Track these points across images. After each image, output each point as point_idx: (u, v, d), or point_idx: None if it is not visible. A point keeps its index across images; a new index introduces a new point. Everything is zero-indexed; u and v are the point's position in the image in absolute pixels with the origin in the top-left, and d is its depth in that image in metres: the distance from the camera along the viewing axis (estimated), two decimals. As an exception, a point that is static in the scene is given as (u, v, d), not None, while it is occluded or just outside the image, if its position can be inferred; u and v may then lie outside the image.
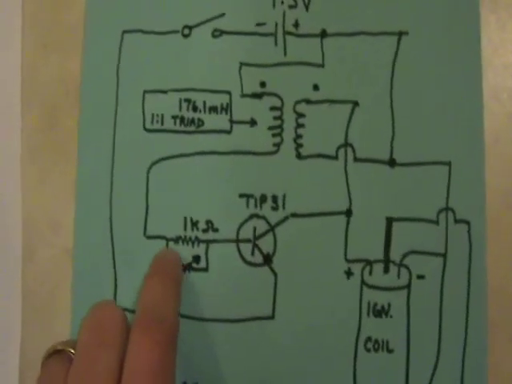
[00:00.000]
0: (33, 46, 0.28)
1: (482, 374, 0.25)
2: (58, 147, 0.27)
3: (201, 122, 0.26)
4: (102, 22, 0.27)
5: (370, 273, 0.25)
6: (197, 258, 0.26)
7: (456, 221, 0.25)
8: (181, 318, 0.25)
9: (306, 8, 0.26)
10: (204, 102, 0.26)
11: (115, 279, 0.26)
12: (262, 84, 0.26)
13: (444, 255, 0.25)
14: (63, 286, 0.27)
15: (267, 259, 0.26)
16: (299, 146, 0.26)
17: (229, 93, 0.26)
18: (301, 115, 0.26)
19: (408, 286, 0.25)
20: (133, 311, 0.25)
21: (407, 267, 0.25)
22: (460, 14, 0.26)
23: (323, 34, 0.26)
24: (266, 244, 0.26)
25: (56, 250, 0.27)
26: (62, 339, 0.24)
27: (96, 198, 0.26)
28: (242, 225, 0.26)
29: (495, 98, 0.26)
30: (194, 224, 0.26)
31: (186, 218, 0.26)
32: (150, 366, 0.20)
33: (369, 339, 0.25)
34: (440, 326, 0.25)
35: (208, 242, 0.26)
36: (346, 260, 0.25)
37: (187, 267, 0.26)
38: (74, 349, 0.22)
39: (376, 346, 0.25)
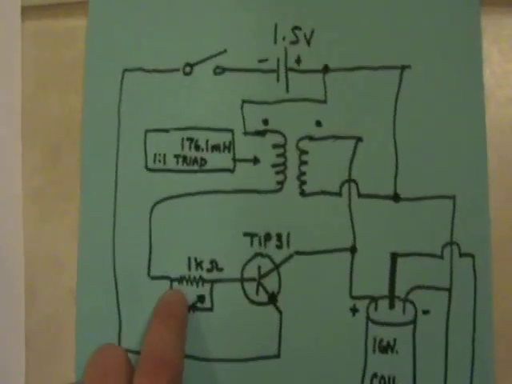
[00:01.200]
0: (33, 85, 0.27)
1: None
2: (59, 186, 0.27)
3: (203, 161, 0.26)
4: (102, 61, 0.27)
5: (376, 309, 0.25)
6: (201, 298, 0.26)
7: (461, 255, 0.25)
8: (186, 359, 0.25)
9: (308, 43, 0.26)
10: (206, 141, 0.26)
11: (119, 320, 0.26)
12: (265, 121, 0.26)
13: (449, 290, 0.25)
14: (67, 327, 0.27)
15: (272, 298, 0.26)
16: (303, 183, 0.26)
17: (231, 131, 0.26)
18: (304, 152, 0.26)
19: (413, 322, 0.25)
20: (137, 352, 0.25)
21: (412, 302, 0.25)
22: (462, 47, 0.26)
23: (325, 70, 0.26)
24: (270, 283, 0.26)
25: (59, 289, 0.27)
26: (67, 382, 0.24)
27: (99, 239, 0.26)
28: (246, 264, 0.26)
29: (498, 130, 0.26)
30: (199, 264, 0.26)
31: (190, 258, 0.26)
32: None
33: (375, 375, 0.25)
34: (446, 361, 0.25)
35: (212, 281, 0.26)
36: (351, 297, 0.25)
37: (192, 307, 0.26)
38: (77, 394, 0.22)
39: (382, 382, 0.25)
